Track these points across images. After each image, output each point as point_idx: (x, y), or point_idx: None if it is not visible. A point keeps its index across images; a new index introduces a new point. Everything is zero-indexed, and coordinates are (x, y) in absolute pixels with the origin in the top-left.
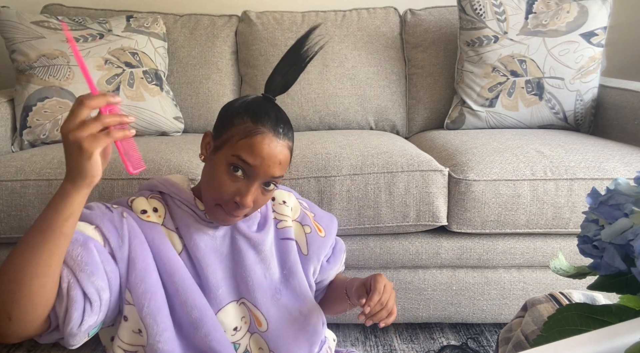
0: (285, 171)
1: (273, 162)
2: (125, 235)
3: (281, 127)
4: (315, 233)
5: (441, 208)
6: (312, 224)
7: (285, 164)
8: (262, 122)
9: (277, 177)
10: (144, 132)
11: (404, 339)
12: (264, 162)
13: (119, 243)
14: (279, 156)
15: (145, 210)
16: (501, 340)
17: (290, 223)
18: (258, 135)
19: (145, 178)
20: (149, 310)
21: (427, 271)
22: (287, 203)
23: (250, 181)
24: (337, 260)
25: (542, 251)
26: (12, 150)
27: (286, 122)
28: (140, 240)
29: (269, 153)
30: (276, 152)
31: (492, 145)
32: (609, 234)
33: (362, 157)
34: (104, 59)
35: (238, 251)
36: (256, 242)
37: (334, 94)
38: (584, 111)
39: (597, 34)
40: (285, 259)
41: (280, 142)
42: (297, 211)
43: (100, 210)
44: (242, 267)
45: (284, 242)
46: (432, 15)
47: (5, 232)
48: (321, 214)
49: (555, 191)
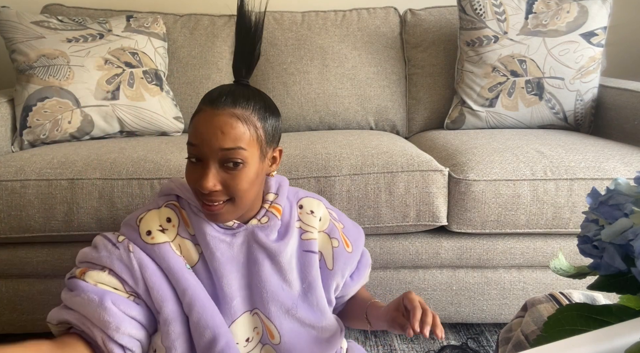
0: (248, 142)
1: (213, 133)
2: (136, 271)
3: (223, 98)
4: (342, 248)
5: (441, 208)
6: (340, 237)
7: (234, 133)
8: (203, 100)
9: (230, 149)
10: (144, 132)
11: (404, 339)
12: (204, 137)
13: (134, 281)
14: (219, 126)
15: (149, 232)
16: (501, 340)
17: (315, 235)
18: (196, 115)
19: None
20: (169, 337)
21: (427, 271)
22: (315, 214)
23: (203, 163)
24: (362, 276)
25: (542, 251)
26: (12, 150)
27: (235, 94)
28: (151, 271)
29: (206, 127)
30: (215, 123)
31: (492, 145)
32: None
33: (362, 157)
34: (104, 59)
35: (254, 261)
36: (274, 253)
37: (334, 94)
38: (584, 111)
39: (597, 34)
40: (306, 273)
41: (218, 112)
42: (326, 222)
43: (107, 250)
44: (258, 278)
45: (306, 255)
46: (432, 15)
47: (5, 232)
48: (349, 226)
49: (555, 191)
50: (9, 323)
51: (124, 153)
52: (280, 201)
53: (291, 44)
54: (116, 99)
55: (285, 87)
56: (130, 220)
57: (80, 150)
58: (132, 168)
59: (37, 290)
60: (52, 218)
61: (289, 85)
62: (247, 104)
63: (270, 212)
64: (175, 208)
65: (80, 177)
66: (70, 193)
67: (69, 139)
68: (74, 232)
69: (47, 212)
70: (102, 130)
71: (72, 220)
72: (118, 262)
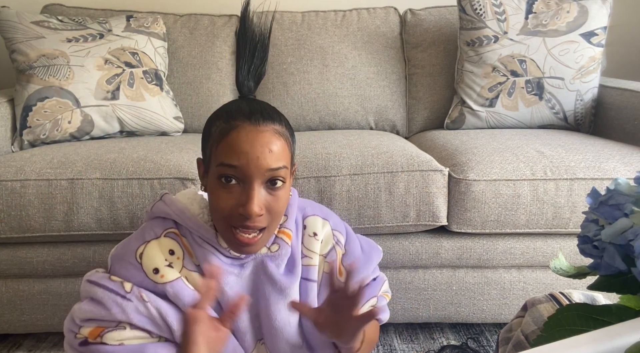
0: (288, 160)
1: (261, 152)
2: (157, 320)
3: (258, 113)
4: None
5: (441, 208)
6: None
7: (280, 151)
8: (234, 117)
9: (277, 169)
10: (144, 132)
11: (404, 339)
12: (250, 156)
13: (159, 330)
14: (266, 144)
15: (157, 269)
16: (501, 340)
17: (315, 261)
18: (233, 132)
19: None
20: None
21: (427, 271)
22: (318, 237)
23: (247, 185)
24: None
25: (542, 251)
26: (12, 150)
27: (265, 109)
28: (172, 315)
29: (252, 145)
30: (260, 140)
31: (492, 145)
32: (609, 234)
33: (362, 157)
34: (104, 59)
35: (262, 294)
36: (283, 288)
37: (334, 94)
38: (584, 111)
39: (597, 34)
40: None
41: (261, 129)
42: (328, 245)
43: (118, 305)
44: (266, 312)
45: (304, 283)
46: (432, 15)
47: (5, 232)
48: (355, 254)
49: (555, 191)
50: (9, 323)
51: (124, 153)
52: (289, 224)
53: (291, 44)
54: (116, 99)
55: (285, 87)
56: (127, 254)
57: (80, 150)
58: (132, 168)
59: (37, 290)
60: (52, 218)
61: (289, 85)
62: (280, 116)
63: (280, 238)
64: (176, 237)
65: (80, 177)
66: (70, 194)
67: (69, 139)
68: (74, 232)
69: (47, 212)
70: (102, 130)
71: (72, 220)
72: (136, 315)
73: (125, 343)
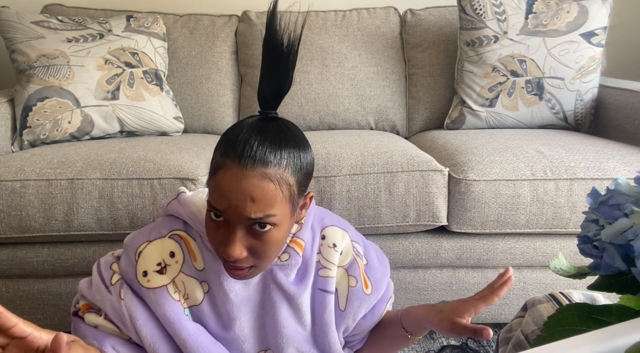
0: (281, 205)
1: (241, 201)
2: (127, 320)
3: (250, 152)
4: (360, 288)
5: (441, 208)
6: (360, 276)
7: (266, 199)
8: (228, 151)
9: (259, 218)
10: (144, 132)
11: None
12: (231, 203)
13: (126, 329)
14: (248, 192)
15: (146, 272)
16: (501, 340)
17: (334, 273)
18: (220, 172)
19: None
20: None
21: (427, 271)
22: (337, 248)
23: (230, 228)
24: (375, 315)
25: (542, 251)
26: (12, 150)
27: (264, 145)
28: (142, 322)
29: (233, 192)
30: (244, 188)
31: (492, 145)
32: (609, 234)
33: (362, 157)
34: (104, 59)
35: (271, 303)
36: (292, 296)
37: (334, 94)
38: (584, 111)
39: (597, 34)
40: (320, 313)
41: (246, 174)
42: (348, 257)
43: (100, 293)
44: (273, 321)
45: (321, 294)
46: (432, 15)
47: (5, 232)
48: (374, 263)
49: (555, 191)
50: None
51: (124, 153)
52: (303, 234)
53: None
54: (116, 99)
55: None
56: (131, 247)
57: (80, 150)
58: (132, 168)
59: (37, 290)
60: (52, 218)
61: None
62: (280, 156)
63: (291, 247)
64: (180, 240)
65: (80, 177)
66: (70, 193)
67: (69, 139)
68: (74, 232)
69: (47, 212)
70: (102, 130)
71: (72, 220)
72: (110, 308)
73: (98, 328)
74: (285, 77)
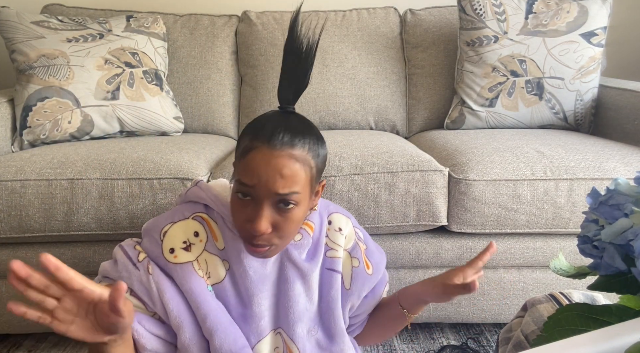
0: (303, 184)
1: (271, 177)
2: (154, 294)
3: (278, 137)
4: (362, 268)
5: (441, 208)
6: (361, 258)
7: (293, 176)
8: (257, 136)
9: (286, 194)
10: (144, 132)
11: (404, 339)
12: (261, 179)
13: (152, 304)
14: (278, 169)
15: (173, 249)
16: (501, 340)
17: (340, 254)
18: (250, 152)
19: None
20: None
21: (427, 271)
22: (343, 231)
23: (257, 204)
24: (376, 295)
25: (542, 251)
26: (12, 150)
27: (289, 130)
28: (169, 295)
29: (263, 168)
30: (273, 165)
31: (492, 145)
32: (609, 234)
33: (362, 157)
34: (104, 59)
35: (285, 279)
36: (305, 273)
37: (334, 94)
38: (584, 111)
39: (597, 34)
40: (327, 291)
41: (275, 153)
42: (351, 241)
43: (127, 271)
44: (286, 297)
45: (329, 273)
46: (432, 15)
47: (5, 232)
48: (372, 249)
49: (555, 191)
50: (9, 323)
51: (124, 153)
52: (313, 218)
53: None
54: (116, 99)
55: None
56: (154, 230)
57: (80, 150)
58: (132, 168)
59: None
60: (52, 218)
61: None
62: (304, 141)
63: (303, 229)
64: (203, 221)
65: (80, 177)
66: (70, 193)
67: (69, 139)
68: (74, 232)
69: (47, 212)
70: (102, 130)
71: (72, 220)
72: (138, 284)
73: None
74: (304, 76)
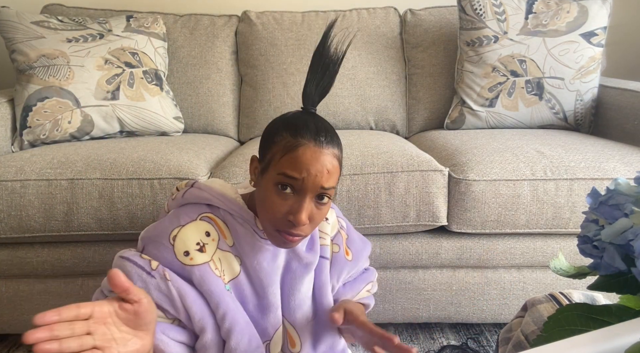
0: (337, 181)
1: (319, 172)
2: (176, 301)
3: (322, 136)
4: (342, 254)
5: (441, 208)
6: (342, 244)
7: (334, 173)
8: (301, 134)
9: (328, 188)
10: (144, 132)
11: (404, 339)
12: (310, 173)
13: (175, 310)
14: (325, 165)
15: (187, 252)
16: (501, 340)
17: (328, 241)
18: (299, 148)
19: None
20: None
21: (427, 271)
22: (329, 220)
23: (300, 196)
24: (354, 288)
25: (542, 251)
26: (12, 150)
27: (328, 131)
28: (192, 299)
29: (313, 163)
30: (321, 161)
31: (492, 145)
32: (609, 234)
33: (362, 157)
34: (104, 59)
35: (289, 269)
36: (308, 262)
37: (334, 94)
38: (584, 111)
39: (597, 34)
40: (318, 277)
41: (323, 151)
42: (334, 229)
43: (142, 280)
44: (290, 286)
45: (321, 260)
46: (432, 15)
47: (5, 232)
48: (355, 238)
49: (555, 191)
50: (8, 323)
51: (124, 153)
52: None
53: (291, 44)
54: (116, 99)
55: (285, 87)
56: (161, 236)
57: (80, 150)
58: (132, 168)
59: (37, 290)
60: (52, 218)
61: (289, 85)
62: (338, 142)
63: None
64: (210, 220)
65: (80, 177)
66: (70, 193)
67: (69, 139)
68: (74, 232)
69: (47, 212)
70: (102, 130)
71: (72, 220)
72: (156, 292)
73: None
74: (330, 81)
